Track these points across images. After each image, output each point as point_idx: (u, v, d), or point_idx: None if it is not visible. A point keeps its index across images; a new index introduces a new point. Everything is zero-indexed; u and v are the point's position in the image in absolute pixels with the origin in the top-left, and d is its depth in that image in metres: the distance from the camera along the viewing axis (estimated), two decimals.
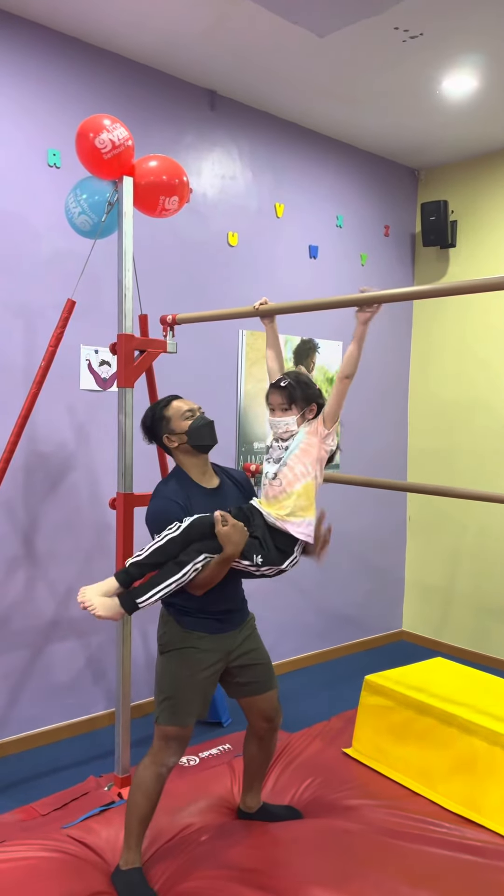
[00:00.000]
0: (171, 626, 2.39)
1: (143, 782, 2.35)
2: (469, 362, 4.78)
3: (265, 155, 4.19)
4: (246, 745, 2.66)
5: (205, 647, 2.37)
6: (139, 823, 2.35)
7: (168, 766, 2.36)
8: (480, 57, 3.47)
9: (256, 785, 2.70)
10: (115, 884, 2.31)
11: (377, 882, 2.30)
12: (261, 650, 2.56)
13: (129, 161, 2.84)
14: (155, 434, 2.46)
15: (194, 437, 2.41)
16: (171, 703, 2.35)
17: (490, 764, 2.73)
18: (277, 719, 2.60)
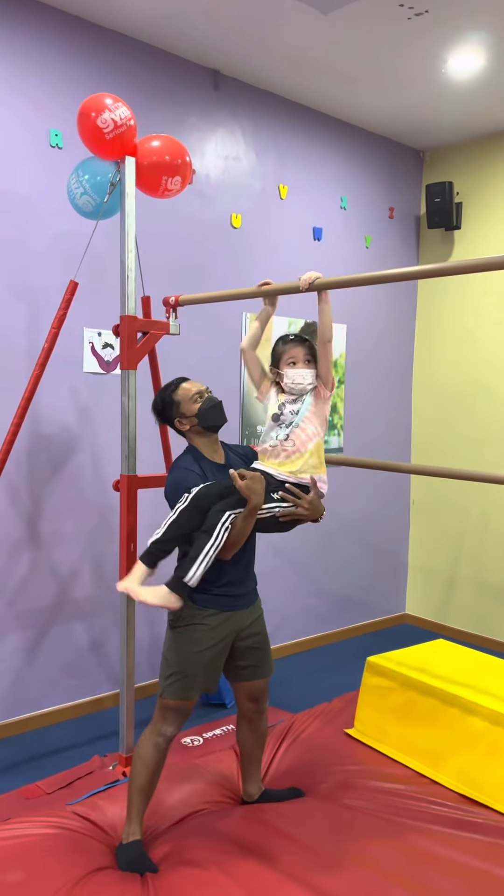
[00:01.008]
0: (184, 602, 2.39)
1: (142, 752, 2.40)
2: (473, 346, 4.76)
3: (269, 135, 4.16)
4: (238, 729, 2.69)
5: (214, 624, 2.40)
6: (140, 793, 2.39)
7: (166, 736, 2.39)
8: (486, 35, 3.42)
9: (255, 771, 2.72)
10: (118, 857, 2.35)
11: (378, 858, 2.32)
12: (264, 635, 2.59)
13: (131, 141, 2.82)
14: (166, 418, 2.52)
15: (205, 419, 2.46)
16: (175, 678, 2.38)
17: (491, 743, 2.75)
18: (263, 701, 2.63)
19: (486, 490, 4.57)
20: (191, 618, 2.40)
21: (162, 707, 2.41)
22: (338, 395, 4.64)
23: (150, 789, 2.41)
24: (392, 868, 2.28)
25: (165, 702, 2.40)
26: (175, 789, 2.71)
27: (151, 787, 2.41)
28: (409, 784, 2.83)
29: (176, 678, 2.38)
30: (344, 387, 4.67)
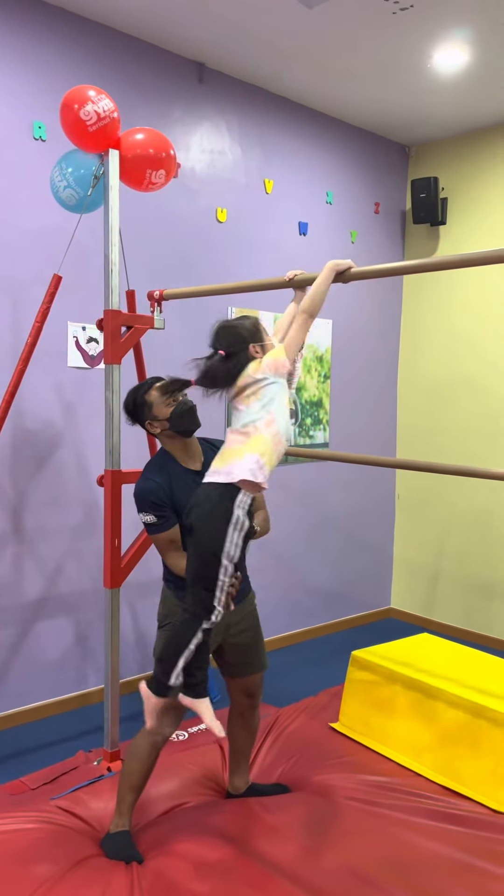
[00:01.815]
0: (170, 601, 2.43)
1: (139, 750, 2.39)
2: (458, 340, 4.78)
3: (254, 130, 4.14)
4: (229, 723, 2.69)
5: None
6: (132, 790, 2.39)
7: (164, 735, 2.38)
8: (471, 30, 3.43)
9: (243, 765, 2.72)
10: (103, 847, 2.35)
11: (362, 851, 2.33)
12: (256, 630, 2.59)
13: (114, 134, 2.80)
14: (137, 419, 2.47)
15: (176, 424, 2.41)
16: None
17: (474, 736, 2.77)
18: (257, 696, 2.63)
19: (470, 484, 4.59)
20: (174, 615, 2.37)
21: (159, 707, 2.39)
22: (323, 389, 4.64)
23: (142, 787, 2.42)
24: (377, 860, 2.29)
25: (161, 700, 2.38)
26: (160, 783, 2.71)
27: (143, 785, 2.42)
28: (392, 777, 2.85)
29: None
30: (329, 381, 4.67)
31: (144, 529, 2.52)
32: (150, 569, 3.70)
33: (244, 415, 2.07)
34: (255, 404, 2.06)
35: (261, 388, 2.06)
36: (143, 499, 2.37)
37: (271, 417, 2.05)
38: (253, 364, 2.09)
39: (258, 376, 2.07)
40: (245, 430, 2.05)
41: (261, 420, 2.04)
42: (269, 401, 2.06)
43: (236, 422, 2.09)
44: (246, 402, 2.08)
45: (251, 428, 2.04)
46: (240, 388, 2.09)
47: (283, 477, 3.92)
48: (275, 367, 2.07)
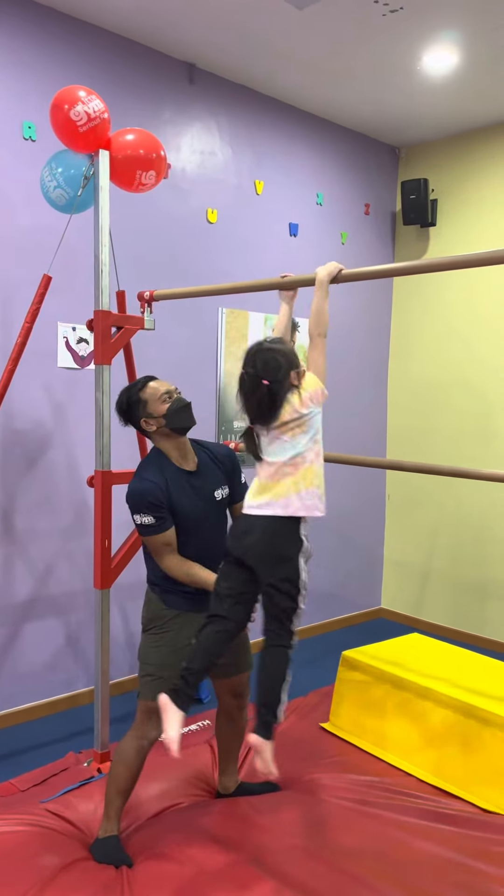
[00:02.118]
0: (156, 605, 2.43)
1: (125, 754, 2.39)
2: (448, 341, 4.80)
3: (245, 131, 4.15)
4: (217, 723, 2.70)
5: (188, 626, 2.38)
6: (119, 795, 2.38)
7: (150, 739, 2.39)
8: (461, 32, 3.44)
9: (231, 765, 2.73)
10: (93, 852, 2.35)
11: (353, 850, 2.34)
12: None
13: (105, 134, 2.80)
14: (131, 417, 2.43)
15: (172, 421, 2.38)
16: (153, 680, 2.37)
17: (464, 736, 2.78)
18: (245, 696, 2.64)
19: (460, 484, 4.61)
20: (162, 619, 2.41)
21: (144, 710, 2.39)
22: None
23: (130, 791, 2.41)
24: (367, 859, 2.30)
25: (147, 704, 2.38)
26: (150, 785, 2.71)
27: (131, 789, 2.41)
28: (383, 777, 2.86)
29: (153, 679, 2.38)
30: None
31: (136, 531, 2.48)
32: (140, 570, 3.69)
33: (289, 447, 2.11)
34: (301, 437, 2.11)
35: (306, 421, 2.12)
36: (139, 500, 2.33)
37: (319, 448, 2.15)
38: (295, 398, 2.12)
39: (304, 411, 2.11)
40: (293, 462, 2.10)
41: (310, 451, 2.12)
42: (316, 431, 2.15)
43: (281, 452, 2.11)
44: (292, 434, 2.12)
45: (299, 459, 2.10)
46: (284, 421, 2.11)
47: None
48: (316, 399, 2.14)
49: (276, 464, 2.12)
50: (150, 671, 2.39)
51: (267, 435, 2.15)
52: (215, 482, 2.46)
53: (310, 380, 2.15)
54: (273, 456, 2.13)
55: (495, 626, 4.61)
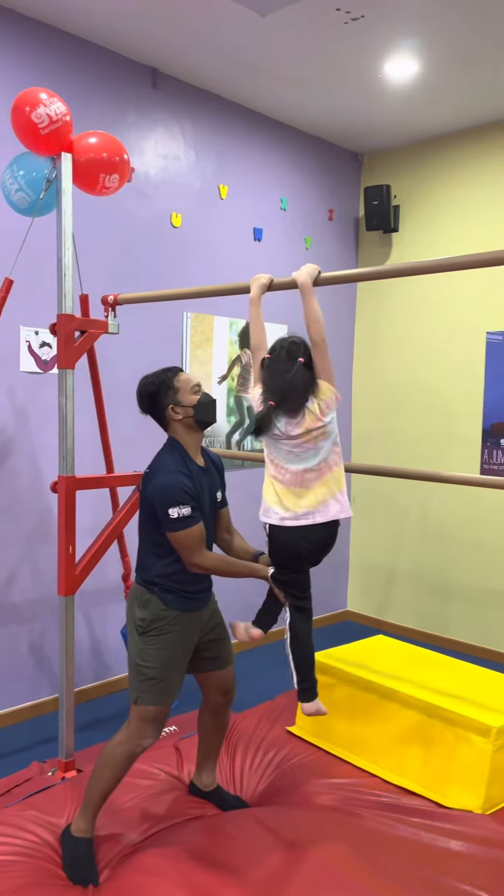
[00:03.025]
0: (155, 606, 2.36)
1: (115, 759, 2.35)
2: (411, 346, 4.85)
3: (209, 135, 4.15)
4: (200, 719, 2.69)
5: (186, 625, 2.40)
6: (101, 797, 2.37)
7: (143, 746, 2.37)
8: (421, 41, 3.49)
9: (211, 761, 2.73)
10: (62, 845, 2.32)
11: (321, 852, 2.34)
12: (223, 625, 2.62)
13: (67, 137, 2.78)
14: (156, 402, 2.39)
15: (201, 413, 2.39)
16: (155, 684, 2.34)
17: (428, 736, 2.81)
18: (233, 693, 2.65)
19: (423, 487, 4.66)
20: (164, 621, 2.36)
21: (141, 717, 2.35)
22: None
23: (111, 793, 2.40)
24: (335, 860, 2.31)
25: (145, 710, 2.34)
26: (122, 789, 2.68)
27: (112, 791, 2.40)
28: (349, 778, 2.87)
29: (153, 683, 2.34)
30: None
31: (168, 530, 2.29)
32: (105, 575, 3.67)
33: (313, 454, 2.28)
34: (323, 442, 2.29)
35: (327, 427, 2.28)
36: (176, 491, 2.26)
37: (339, 450, 2.34)
38: (315, 407, 2.27)
39: (325, 419, 2.28)
40: (319, 467, 2.28)
41: (333, 454, 2.31)
42: (336, 435, 2.33)
43: (306, 460, 2.28)
44: (315, 442, 2.28)
45: (324, 465, 2.29)
46: (308, 429, 2.26)
47: (242, 480, 3.92)
48: (333, 405, 2.31)
49: (303, 471, 2.27)
50: (153, 675, 2.34)
51: (288, 443, 2.28)
52: (216, 483, 2.50)
53: (324, 388, 2.28)
54: (297, 464, 2.27)
55: (458, 627, 4.67)
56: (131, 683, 2.39)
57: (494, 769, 2.66)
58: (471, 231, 4.53)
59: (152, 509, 2.31)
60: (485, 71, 3.77)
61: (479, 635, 4.57)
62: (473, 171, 4.52)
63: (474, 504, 4.54)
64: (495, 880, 2.24)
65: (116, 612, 3.80)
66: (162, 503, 2.26)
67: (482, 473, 4.47)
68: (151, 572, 2.39)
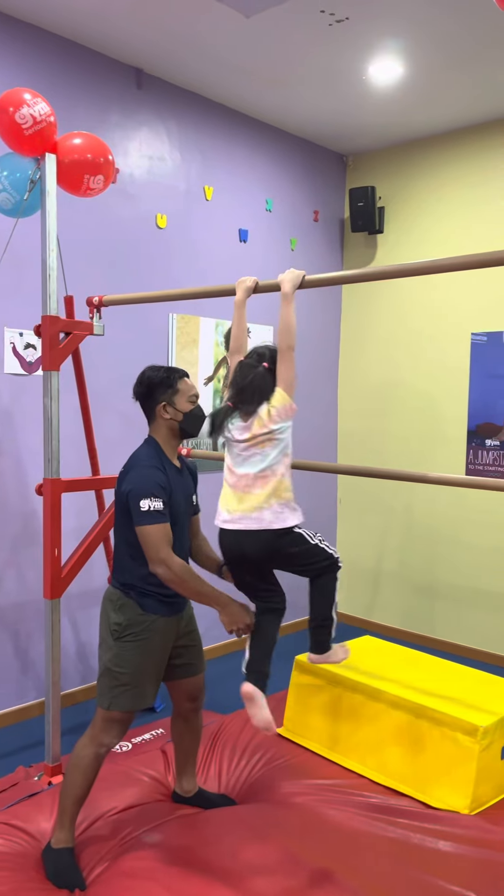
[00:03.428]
0: (132, 610, 2.34)
1: (81, 761, 2.34)
2: (396, 346, 4.87)
3: (194, 136, 4.14)
4: (173, 727, 2.68)
5: (162, 630, 2.38)
6: (74, 803, 2.34)
7: (108, 746, 2.36)
8: (405, 43, 3.51)
9: (190, 767, 2.71)
10: (44, 861, 2.31)
11: (309, 853, 2.34)
12: (197, 632, 2.60)
13: (51, 138, 2.77)
14: (152, 395, 2.40)
15: (188, 423, 2.41)
16: (127, 689, 2.33)
17: (416, 736, 2.82)
18: (201, 699, 2.64)
19: (409, 488, 4.68)
20: (141, 626, 2.34)
21: (107, 719, 2.34)
22: None
23: (85, 798, 2.37)
24: (323, 862, 2.31)
25: (112, 714, 2.34)
26: (106, 794, 2.67)
27: (86, 796, 2.37)
28: (337, 779, 2.87)
29: (125, 689, 2.33)
30: None
31: (137, 523, 2.25)
32: (91, 578, 3.65)
33: (259, 460, 2.25)
34: (271, 450, 2.25)
35: (276, 435, 2.25)
36: (150, 483, 2.26)
37: (287, 461, 2.28)
38: (264, 412, 2.25)
39: (273, 426, 2.25)
40: (263, 474, 2.24)
41: (279, 464, 2.25)
42: (285, 445, 2.27)
43: (251, 465, 2.26)
44: (261, 447, 2.25)
45: (269, 472, 2.24)
46: (254, 435, 2.25)
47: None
48: (285, 414, 2.26)
49: (246, 476, 2.25)
50: (125, 680, 2.32)
51: (237, 446, 2.27)
52: (190, 487, 2.51)
53: (279, 395, 2.26)
54: (242, 468, 2.26)
55: (444, 626, 4.69)
56: (101, 688, 2.36)
57: (481, 769, 2.67)
58: (455, 233, 4.55)
59: (127, 506, 2.30)
60: (469, 73, 3.79)
61: (466, 635, 4.59)
62: (458, 172, 4.54)
63: (459, 504, 4.56)
64: (483, 880, 2.25)
65: None
66: (135, 495, 2.25)
67: (467, 474, 4.49)
68: (128, 575, 2.37)
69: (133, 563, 2.35)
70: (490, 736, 2.68)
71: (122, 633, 2.34)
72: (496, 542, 4.43)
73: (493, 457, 4.43)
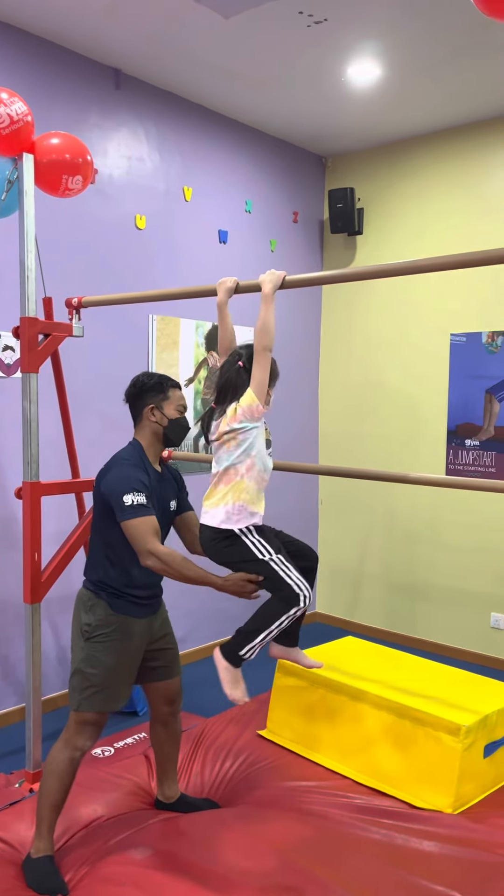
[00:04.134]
0: (102, 611, 2.34)
1: (57, 767, 2.32)
2: (376, 347, 4.89)
3: (173, 137, 4.13)
4: (152, 733, 2.66)
5: (134, 631, 2.37)
6: (52, 810, 2.32)
7: (83, 750, 2.34)
8: (383, 45, 3.52)
9: (171, 773, 2.70)
10: (24, 872, 2.28)
11: (291, 857, 2.34)
12: (172, 635, 2.60)
13: (29, 137, 2.74)
14: (142, 398, 2.42)
15: (172, 431, 2.44)
16: (98, 691, 2.32)
17: (399, 736, 2.82)
18: (178, 702, 2.63)
19: (390, 488, 4.69)
20: (111, 626, 2.34)
21: (80, 721, 2.33)
22: None
23: (63, 804, 2.35)
24: (304, 864, 2.30)
25: (84, 716, 2.32)
26: (87, 801, 2.65)
27: (63, 802, 2.35)
28: (321, 781, 2.87)
29: (96, 690, 2.32)
30: None
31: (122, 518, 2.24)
32: (71, 582, 3.61)
33: (224, 458, 2.25)
34: (235, 449, 2.24)
35: (238, 435, 2.23)
36: (133, 479, 2.27)
37: (251, 462, 2.24)
38: (230, 410, 2.24)
39: (236, 425, 2.23)
40: (227, 472, 2.24)
41: (241, 464, 2.23)
42: (249, 446, 2.24)
43: (218, 462, 2.27)
44: (227, 445, 2.25)
45: (232, 472, 2.23)
46: (221, 433, 2.25)
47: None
48: (250, 414, 2.23)
49: (216, 473, 2.27)
50: (96, 681, 2.31)
51: (213, 445, 2.30)
52: (171, 492, 2.51)
53: (247, 396, 2.24)
54: (214, 465, 2.28)
55: (425, 626, 4.71)
56: (72, 689, 2.36)
57: (464, 768, 2.68)
58: (434, 234, 4.58)
59: (106, 504, 2.30)
60: (442, 77, 3.81)
61: (447, 634, 4.61)
62: (436, 174, 4.57)
63: (440, 504, 4.58)
64: (468, 880, 2.25)
65: None
66: (117, 492, 2.25)
67: (448, 474, 4.51)
68: (100, 575, 2.37)
69: (107, 563, 2.36)
70: (472, 735, 2.69)
71: (93, 633, 2.34)
72: (476, 542, 4.46)
73: (473, 456, 4.45)
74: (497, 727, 2.81)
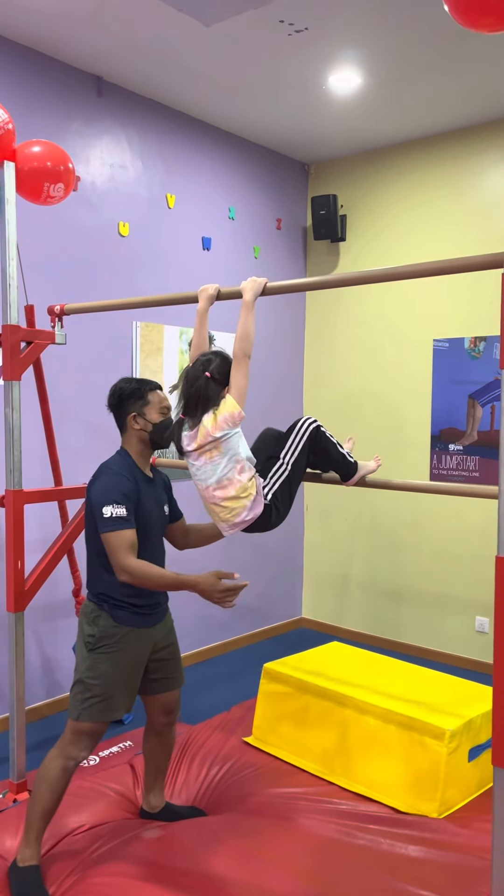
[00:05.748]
0: (105, 622, 2.34)
1: (50, 775, 2.31)
2: (360, 353, 4.91)
3: (155, 144, 4.14)
4: (145, 741, 2.65)
5: (137, 642, 2.37)
6: (41, 818, 2.30)
7: (77, 759, 2.33)
8: (364, 53, 3.55)
9: (159, 783, 2.68)
10: (9, 880, 2.26)
11: (278, 863, 2.33)
12: (176, 646, 2.58)
13: (9, 145, 2.74)
14: (123, 406, 2.42)
15: (158, 433, 2.42)
16: (97, 700, 2.31)
17: (384, 741, 2.83)
18: (176, 713, 2.62)
19: (374, 494, 4.71)
20: (114, 638, 2.33)
21: (77, 731, 2.32)
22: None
23: (53, 812, 2.33)
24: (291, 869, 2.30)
25: (82, 725, 2.31)
26: (72, 810, 2.63)
27: (54, 811, 2.33)
28: (307, 787, 2.87)
29: (97, 700, 2.31)
30: None
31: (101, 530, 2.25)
32: (55, 591, 3.60)
33: (210, 470, 2.27)
34: (219, 458, 2.26)
35: (221, 443, 2.24)
36: (114, 489, 2.26)
37: (242, 465, 2.29)
38: (208, 420, 2.25)
39: (217, 434, 2.24)
40: (221, 484, 2.27)
41: (232, 470, 2.27)
42: (235, 452, 2.26)
43: (205, 476, 2.29)
44: (209, 456, 2.27)
45: (226, 481, 2.27)
46: (200, 445, 2.26)
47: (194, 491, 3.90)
48: (232, 421, 2.26)
49: (208, 489, 2.29)
50: (97, 691, 2.30)
51: (189, 456, 2.30)
52: (162, 497, 2.51)
53: (227, 403, 2.25)
54: (202, 481, 2.29)
55: (411, 630, 4.73)
56: (73, 699, 2.35)
57: (449, 772, 2.68)
58: (416, 240, 4.60)
59: (92, 514, 2.31)
60: (424, 85, 3.85)
61: (432, 639, 4.63)
62: (417, 181, 4.60)
63: (425, 509, 4.60)
64: (453, 884, 2.26)
65: (67, 628, 3.73)
66: (98, 502, 2.26)
67: (431, 479, 4.54)
68: (101, 585, 2.37)
69: (106, 573, 2.35)
70: (457, 739, 2.70)
71: (96, 644, 2.34)
72: (460, 546, 4.48)
73: (457, 461, 4.48)
74: (481, 731, 2.82)
